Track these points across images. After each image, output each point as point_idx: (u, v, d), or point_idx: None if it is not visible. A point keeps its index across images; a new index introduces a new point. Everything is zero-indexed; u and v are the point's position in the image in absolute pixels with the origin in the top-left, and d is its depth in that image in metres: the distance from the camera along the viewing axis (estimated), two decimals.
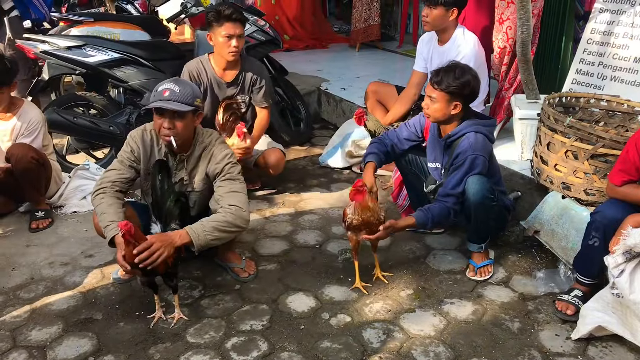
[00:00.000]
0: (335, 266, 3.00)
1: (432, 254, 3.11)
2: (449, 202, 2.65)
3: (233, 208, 2.46)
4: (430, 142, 2.90)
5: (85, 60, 3.94)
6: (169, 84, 2.49)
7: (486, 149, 2.69)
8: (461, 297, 2.72)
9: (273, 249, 3.17)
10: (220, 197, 2.52)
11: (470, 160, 2.64)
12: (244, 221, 2.50)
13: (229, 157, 2.62)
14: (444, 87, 2.62)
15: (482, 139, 2.68)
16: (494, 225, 2.88)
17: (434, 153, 2.88)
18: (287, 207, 3.66)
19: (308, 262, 3.04)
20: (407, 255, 3.09)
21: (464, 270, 2.93)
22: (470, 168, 2.63)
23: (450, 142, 2.75)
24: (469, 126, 2.70)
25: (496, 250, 3.04)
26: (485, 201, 2.67)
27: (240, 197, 2.52)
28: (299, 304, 2.68)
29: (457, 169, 2.65)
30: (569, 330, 2.48)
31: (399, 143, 2.98)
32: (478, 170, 2.64)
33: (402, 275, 2.91)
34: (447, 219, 2.67)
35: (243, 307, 2.66)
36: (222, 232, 2.43)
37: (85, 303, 2.70)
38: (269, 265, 3.02)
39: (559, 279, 2.78)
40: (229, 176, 2.57)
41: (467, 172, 2.64)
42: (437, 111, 2.68)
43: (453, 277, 2.89)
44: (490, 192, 2.69)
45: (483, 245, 2.88)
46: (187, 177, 2.65)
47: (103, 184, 2.56)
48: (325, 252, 3.14)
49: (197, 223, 2.40)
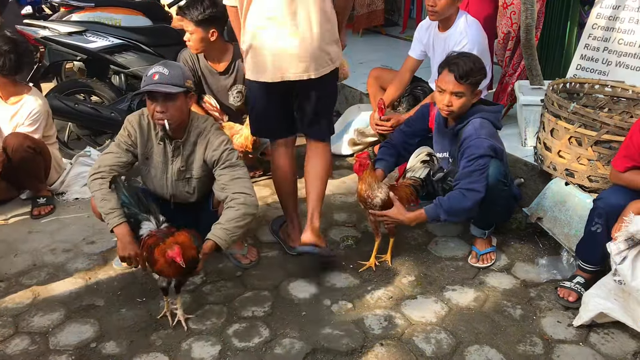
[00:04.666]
0: (337, 253, 2.99)
1: (434, 241, 3.10)
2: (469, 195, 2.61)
3: (241, 197, 2.46)
4: (437, 133, 2.90)
5: (86, 46, 3.95)
6: (158, 67, 2.46)
7: (491, 134, 2.68)
8: (463, 284, 2.72)
9: (270, 237, 3.15)
10: (225, 186, 2.51)
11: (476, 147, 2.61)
12: (254, 207, 2.51)
13: (225, 143, 2.60)
14: (470, 80, 2.61)
15: (487, 125, 2.68)
16: (501, 213, 2.87)
17: (442, 143, 2.87)
18: None
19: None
20: (409, 242, 3.09)
21: (466, 257, 2.93)
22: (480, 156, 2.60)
23: (458, 131, 2.74)
24: (476, 113, 2.70)
25: (499, 237, 3.03)
26: (498, 185, 2.65)
27: (244, 182, 2.52)
28: (300, 290, 2.68)
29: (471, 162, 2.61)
30: (571, 317, 2.48)
31: (408, 140, 2.97)
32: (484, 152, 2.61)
33: (403, 262, 2.91)
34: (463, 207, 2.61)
35: (245, 293, 2.67)
36: (242, 228, 2.46)
37: (87, 289, 2.71)
38: (271, 252, 3.00)
39: (562, 265, 2.77)
40: (228, 163, 2.56)
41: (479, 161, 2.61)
42: (464, 105, 2.66)
43: (455, 264, 2.89)
44: (503, 177, 2.67)
45: (487, 231, 2.88)
46: (184, 163, 2.63)
47: (101, 168, 2.56)
48: (327, 238, 3.10)
49: (218, 229, 2.41)
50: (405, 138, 3.00)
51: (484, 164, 2.61)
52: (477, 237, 2.91)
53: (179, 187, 2.70)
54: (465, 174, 2.63)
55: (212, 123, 2.66)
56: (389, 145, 3.01)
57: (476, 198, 2.60)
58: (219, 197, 2.58)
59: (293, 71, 2.55)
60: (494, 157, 2.64)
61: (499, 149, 2.69)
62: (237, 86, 3.49)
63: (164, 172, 2.68)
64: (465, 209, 2.61)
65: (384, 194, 2.67)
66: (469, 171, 2.62)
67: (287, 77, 2.57)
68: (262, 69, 2.57)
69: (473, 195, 2.60)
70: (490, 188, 2.63)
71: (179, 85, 2.47)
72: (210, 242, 2.39)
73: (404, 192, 2.78)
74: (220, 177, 2.56)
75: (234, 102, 3.58)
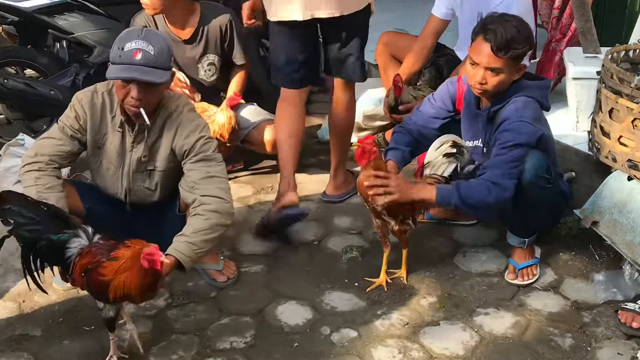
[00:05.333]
0: (339, 268, 3.02)
1: (462, 252, 3.12)
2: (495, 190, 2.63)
3: (214, 203, 2.49)
4: (467, 116, 2.90)
5: (18, 5, 3.90)
6: (139, 41, 2.46)
7: (536, 117, 2.69)
8: (498, 306, 2.75)
9: (259, 246, 3.19)
10: (195, 185, 2.54)
11: (516, 132, 2.63)
12: (228, 216, 2.54)
13: (200, 129, 2.62)
14: (511, 52, 2.60)
15: (532, 105, 2.69)
16: (545, 216, 2.89)
17: (472, 129, 2.88)
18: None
19: (304, 262, 3.07)
20: (430, 253, 3.10)
21: (501, 272, 2.95)
22: (518, 144, 2.63)
23: (495, 113, 2.75)
24: (519, 90, 2.70)
25: (543, 247, 3.03)
26: (539, 182, 2.67)
27: (220, 183, 2.55)
28: (291, 315, 2.71)
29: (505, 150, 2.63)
30: (635, 347, 2.49)
31: (428, 124, 2.98)
32: (524, 141, 2.64)
33: (423, 278, 2.92)
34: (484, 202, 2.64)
35: (221, 319, 2.69)
36: (211, 242, 2.48)
37: (21, 316, 2.70)
38: (254, 266, 3.04)
39: (623, 282, 2.78)
40: (202, 156, 2.58)
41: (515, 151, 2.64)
42: (502, 84, 2.67)
43: (488, 281, 2.91)
44: (545, 171, 2.68)
45: (528, 240, 2.89)
46: (146, 152, 2.66)
47: (37, 157, 2.56)
48: (325, 249, 3.16)
49: (181, 242, 2.42)
50: (425, 121, 3.00)
51: (520, 156, 2.63)
52: (515, 247, 2.92)
53: (137, 180, 2.72)
54: (495, 164, 2.65)
55: (185, 103, 2.70)
56: (404, 131, 3.01)
57: (501, 197, 2.62)
58: (185, 198, 2.61)
59: (324, 8, 2.95)
60: (536, 147, 2.66)
61: (544, 137, 2.70)
62: (208, 57, 3.54)
63: (120, 165, 2.70)
64: (485, 203, 2.63)
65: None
66: (501, 161, 2.64)
67: (317, 14, 2.98)
68: (289, 6, 2.95)
69: (498, 192, 2.62)
70: (528, 186, 2.65)
71: (166, 67, 2.50)
72: (171, 258, 2.38)
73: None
74: (190, 172, 2.58)
75: (206, 77, 3.62)
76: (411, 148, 2.97)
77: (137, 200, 2.78)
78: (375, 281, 2.89)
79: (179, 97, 2.72)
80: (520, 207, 2.72)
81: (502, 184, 2.62)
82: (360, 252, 3.12)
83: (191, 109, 2.71)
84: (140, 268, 2.25)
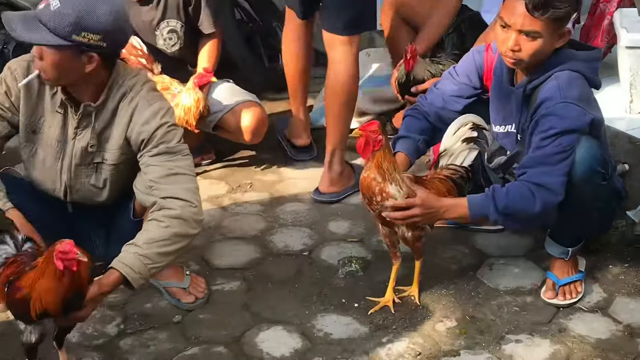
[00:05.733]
0: (334, 284, 3.00)
1: (487, 264, 3.09)
2: (540, 194, 2.60)
3: (178, 206, 2.47)
4: (497, 94, 2.88)
5: None
6: None
7: (584, 96, 2.65)
8: (533, 332, 2.71)
9: (235, 258, 3.16)
10: (155, 184, 2.52)
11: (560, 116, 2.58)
12: (195, 224, 2.52)
13: (163, 114, 2.59)
14: (552, 12, 2.54)
15: (579, 81, 2.66)
16: (596, 220, 2.83)
17: (504, 111, 2.86)
18: (259, 192, 3.65)
19: (291, 277, 3.05)
20: (448, 266, 3.08)
21: (537, 289, 2.92)
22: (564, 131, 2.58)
23: (532, 90, 2.72)
24: (562, 62, 2.66)
25: (589, 258, 3.00)
26: (593, 179, 2.64)
27: (185, 182, 2.55)
28: (276, 344, 2.69)
29: (548, 140, 2.59)
30: None
31: (448, 105, 2.98)
32: (571, 127, 2.59)
33: (439, 297, 2.90)
34: (527, 211, 2.62)
35: (187, 350, 2.66)
36: (169, 255, 2.47)
37: None
38: (229, 283, 3.01)
39: None
40: (164, 148, 2.55)
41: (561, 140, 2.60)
42: (540, 52, 2.63)
43: (520, 301, 2.88)
44: (601, 165, 2.66)
45: (572, 250, 2.84)
46: (94, 140, 2.62)
47: None
48: (318, 261, 3.14)
49: (131, 254, 2.41)
50: (445, 102, 2.98)
51: (569, 146, 2.59)
52: (555, 259, 2.88)
53: (80, 175, 2.69)
54: (536, 159, 2.62)
55: (144, 80, 2.68)
56: (418, 115, 3.01)
57: (549, 202, 2.60)
58: (142, 201, 2.59)
59: None
60: (587, 133, 2.63)
61: (596, 120, 2.67)
62: (168, 22, 3.52)
63: (60, 155, 2.67)
64: (529, 214, 2.62)
65: (403, 191, 2.64)
66: (544, 155, 2.61)
67: None
68: None
69: (545, 195, 2.59)
70: (579, 184, 2.62)
71: (59, 33, 2.39)
72: (115, 273, 2.37)
73: (437, 189, 2.76)
74: (148, 168, 2.55)
75: (166, 46, 3.60)
76: (426, 136, 2.96)
77: (80, 199, 2.75)
78: (379, 301, 2.85)
79: (137, 73, 2.69)
80: (566, 210, 2.68)
81: (549, 185, 2.59)
82: (362, 265, 3.08)
83: (152, 89, 2.68)
84: (54, 271, 2.18)
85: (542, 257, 2.99)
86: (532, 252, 3.13)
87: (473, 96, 2.97)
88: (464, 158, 2.84)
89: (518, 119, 2.80)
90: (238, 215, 3.41)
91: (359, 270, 3.05)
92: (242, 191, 3.66)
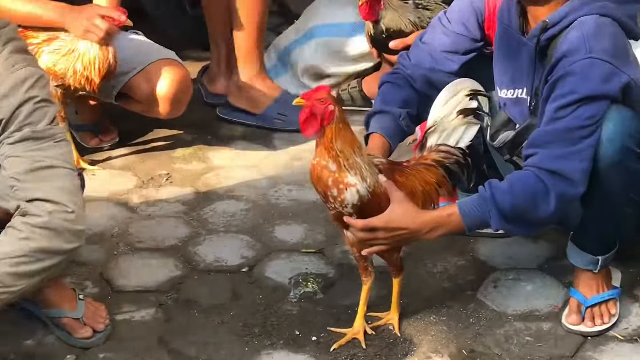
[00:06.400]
0: (284, 311, 2.93)
1: (492, 280, 3.06)
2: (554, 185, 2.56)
3: (44, 212, 2.43)
4: (504, 48, 2.87)
5: None
6: None
7: (616, 49, 2.58)
8: None
9: (148, 277, 3.10)
10: (17, 183, 2.48)
11: (582, 76, 2.54)
12: (71, 235, 2.47)
13: (30, 85, 2.54)
14: None
15: (610, 28, 2.60)
16: (634, 217, 2.77)
17: (512, 69, 2.82)
18: (179, 186, 3.62)
19: (224, 303, 2.98)
20: (439, 283, 3.06)
21: (557, 313, 2.87)
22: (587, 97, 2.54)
23: (548, 41, 2.66)
24: (586, 4, 2.62)
25: (625, 269, 2.98)
26: (626, 161, 2.58)
27: (58, 179, 2.50)
28: None
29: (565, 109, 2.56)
30: None
31: (439, 65, 2.98)
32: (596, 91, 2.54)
33: (427, 325, 2.84)
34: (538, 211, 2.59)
35: None
36: (28, 277, 2.43)
37: None
38: (140, 311, 2.93)
39: None
40: (29, 132, 2.50)
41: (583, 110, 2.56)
42: None
43: (535, 328, 2.83)
44: (635, 142, 2.59)
45: (602, 258, 2.77)
46: None
47: None
48: (261, 280, 3.09)
49: None
50: (435, 60, 2.97)
51: (594, 118, 2.55)
52: (581, 271, 2.82)
53: None
54: (550, 136, 2.58)
55: (8, 37, 2.61)
56: (399, 80, 2.98)
57: (567, 195, 2.56)
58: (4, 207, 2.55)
59: None
60: (620, 101, 2.57)
61: (633, 83, 2.58)
62: None
63: None
64: (541, 214, 2.58)
65: (368, 182, 2.58)
66: (560, 130, 2.56)
67: None
68: None
69: (561, 187, 2.54)
70: (607, 168, 2.57)
71: None
72: None
73: (422, 179, 2.71)
74: (8, 161, 2.51)
75: None
76: (411, 109, 2.94)
77: None
78: (346, 333, 2.77)
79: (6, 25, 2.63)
80: (592, 205, 2.64)
81: (566, 172, 2.53)
82: (321, 285, 3.03)
83: (17, 50, 2.59)
84: None
85: (564, 269, 2.96)
86: (551, 262, 3.12)
87: (472, 51, 2.97)
88: (459, 136, 2.78)
89: (531, 80, 2.78)
90: (151, 219, 3.37)
91: (318, 292, 2.99)
92: (157, 185, 3.63)
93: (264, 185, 3.59)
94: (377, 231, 2.62)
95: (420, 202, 2.68)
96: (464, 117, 2.77)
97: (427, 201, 2.70)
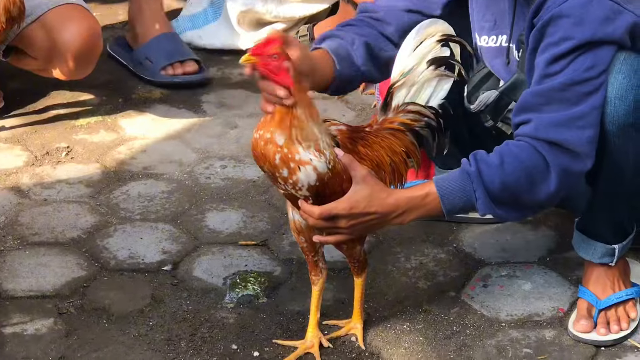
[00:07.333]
0: (218, 319, 2.79)
1: (480, 277, 2.96)
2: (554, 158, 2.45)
3: None
4: None
5: None
6: None
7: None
8: None
9: (44, 279, 2.94)
10: None
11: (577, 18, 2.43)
12: None
13: None
14: None
15: None
16: None
17: (493, 10, 2.80)
18: (82, 163, 3.55)
19: (141, 310, 2.83)
20: (415, 282, 2.95)
21: (562, 318, 2.78)
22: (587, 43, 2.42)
23: None
24: None
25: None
26: (639, 120, 2.49)
27: None
28: None
29: (561, 60, 2.44)
30: None
31: (415, 7, 2.86)
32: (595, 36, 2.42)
33: (399, 334, 2.75)
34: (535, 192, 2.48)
35: None
36: None
37: None
38: (34, 322, 2.76)
39: None
40: None
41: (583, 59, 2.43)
42: None
43: (535, 337, 2.73)
44: None
45: (618, 247, 2.65)
46: None
47: None
48: (187, 282, 2.94)
49: None
50: (411, 1, 2.87)
51: (596, 68, 2.46)
52: (592, 265, 2.72)
53: None
54: (543, 97, 2.50)
55: None
56: (365, 21, 2.83)
57: (571, 171, 2.48)
58: None
59: None
60: (628, 47, 2.51)
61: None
62: None
63: None
64: (540, 195, 2.49)
65: (327, 156, 2.46)
66: (554, 89, 2.48)
67: None
68: None
69: (564, 161, 2.46)
70: (618, 135, 2.51)
71: None
72: None
73: (389, 148, 2.60)
74: None
75: None
76: (374, 46, 2.75)
77: None
78: (297, 346, 2.65)
79: None
80: (601, 179, 2.57)
81: (568, 143, 2.43)
82: (264, 286, 2.88)
83: None
84: None
85: (570, 263, 2.90)
86: (554, 255, 3.03)
87: None
88: (430, 92, 2.66)
89: (515, 25, 2.74)
90: (47, 205, 3.24)
91: (260, 295, 2.85)
92: (54, 162, 3.52)
93: (191, 161, 3.48)
94: (338, 219, 2.43)
95: (388, 178, 2.55)
96: (435, 68, 2.61)
97: (395, 176, 2.57)
